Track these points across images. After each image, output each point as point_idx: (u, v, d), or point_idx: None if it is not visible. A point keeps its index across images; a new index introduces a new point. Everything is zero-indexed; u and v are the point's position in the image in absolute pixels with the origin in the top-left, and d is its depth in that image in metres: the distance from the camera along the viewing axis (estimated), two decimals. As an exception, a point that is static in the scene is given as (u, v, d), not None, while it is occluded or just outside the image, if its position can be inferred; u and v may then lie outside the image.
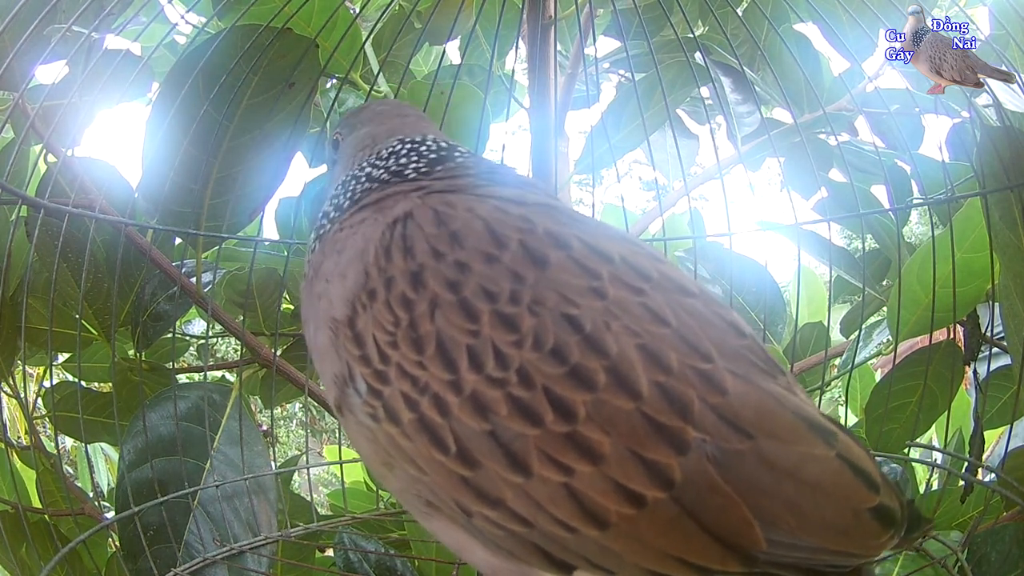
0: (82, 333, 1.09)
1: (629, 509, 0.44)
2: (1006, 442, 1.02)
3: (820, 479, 0.45)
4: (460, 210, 0.53)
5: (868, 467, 0.47)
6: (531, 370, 0.46)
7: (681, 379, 0.46)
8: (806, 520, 0.45)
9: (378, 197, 0.60)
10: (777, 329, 1.24)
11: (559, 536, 0.46)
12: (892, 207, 1.13)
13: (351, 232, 0.58)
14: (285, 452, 4.02)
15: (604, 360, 0.46)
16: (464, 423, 0.47)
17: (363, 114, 0.71)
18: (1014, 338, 0.89)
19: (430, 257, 0.50)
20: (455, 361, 0.47)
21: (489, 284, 0.48)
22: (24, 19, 0.81)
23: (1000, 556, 0.85)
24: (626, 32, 1.30)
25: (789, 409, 0.47)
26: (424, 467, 0.49)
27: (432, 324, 0.48)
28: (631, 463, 0.44)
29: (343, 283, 0.54)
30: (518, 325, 0.47)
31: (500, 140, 1.06)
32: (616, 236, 0.55)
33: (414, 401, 0.48)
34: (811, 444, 0.46)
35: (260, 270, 1.12)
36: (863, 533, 0.46)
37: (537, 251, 0.50)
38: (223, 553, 0.91)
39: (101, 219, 0.93)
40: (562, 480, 0.45)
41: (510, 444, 0.46)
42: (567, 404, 0.45)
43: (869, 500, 0.46)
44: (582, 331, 0.46)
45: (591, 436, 0.45)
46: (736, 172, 1.34)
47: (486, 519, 0.47)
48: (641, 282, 0.49)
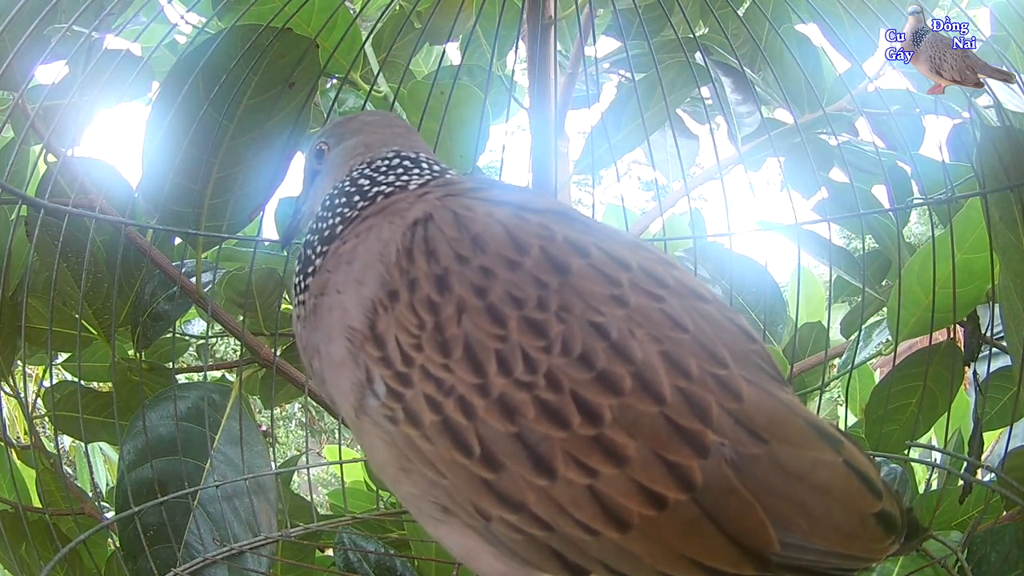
0: (82, 333, 1.09)
1: (651, 511, 0.46)
2: (1006, 442, 1.02)
3: (830, 484, 0.47)
4: (480, 214, 0.53)
5: (872, 474, 0.49)
6: (559, 375, 0.47)
7: (701, 384, 0.47)
8: (817, 523, 0.46)
9: (384, 205, 0.59)
10: (777, 329, 1.24)
11: (579, 539, 0.47)
12: (892, 207, 1.13)
13: (359, 241, 0.57)
14: (285, 452, 4.02)
15: (630, 366, 0.47)
16: (490, 425, 0.47)
17: (352, 124, 0.70)
18: (1014, 338, 0.89)
19: (454, 261, 0.51)
20: (483, 364, 0.48)
21: (515, 290, 0.49)
22: (24, 19, 0.81)
23: (1000, 556, 0.86)
24: (626, 32, 1.30)
25: (800, 416, 0.49)
26: (444, 471, 0.49)
27: (459, 328, 0.49)
28: (655, 465, 0.46)
29: (359, 289, 0.54)
30: (546, 331, 0.48)
31: (500, 140, 1.06)
32: (629, 243, 0.56)
33: (438, 403, 0.49)
34: (821, 450, 0.48)
35: (260, 270, 1.12)
36: (869, 537, 0.47)
37: (558, 258, 0.51)
38: (223, 553, 0.91)
39: (101, 219, 0.93)
40: (587, 482, 0.46)
41: (536, 446, 0.47)
42: (594, 408, 0.46)
43: (873, 506, 0.48)
44: (609, 338, 0.48)
45: (616, 439, 0.46)
46: (736, 172, 1.34)
47: (505, 523, 0.48)
48: (659, 289, 0.51)
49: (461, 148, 1.13)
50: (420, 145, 0.68)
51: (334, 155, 0.68)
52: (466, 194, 0.58)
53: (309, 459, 1.23)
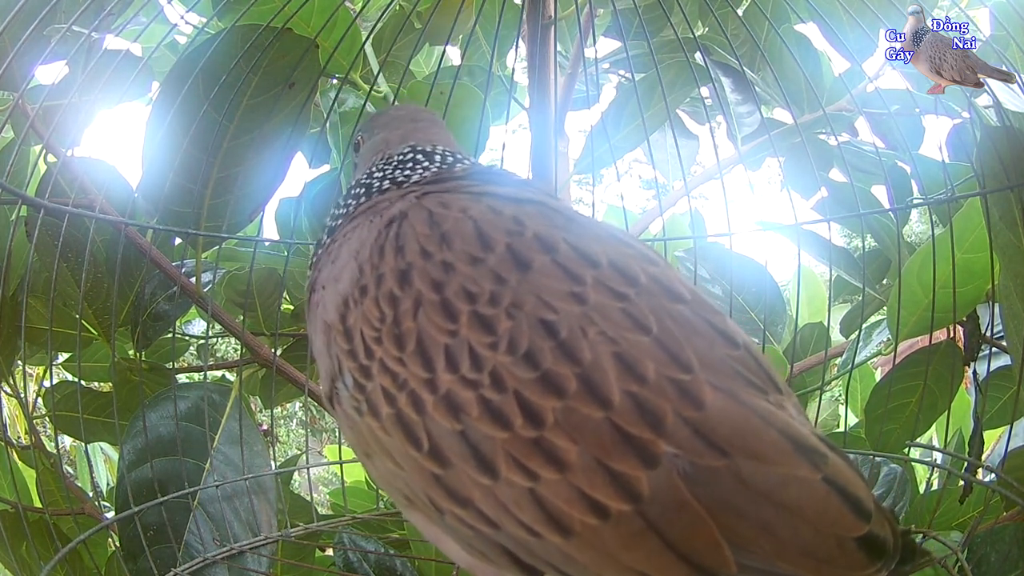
0: (82, 333, 1.09)
1: (593, 519, 0.43)
2: (1006, 442, 1.02)
3: (801, 503, 0.43)
4: (454, 210, 0.53)
5: (859, 493, 0.44)
6: (504, 373, 0.46)
7: (656, 390, 0.44)
8: (782, 546, 0.42)
9: (372, 203, 0.61)
10: (777, 329, 1.24)
11: (524, 540, 0.45)
12: (892, 207, 1.13)
13: (345, 240, 0.59)
14: (285, 451, 4.03)
15: (576, 367, 0.45)
16: (438, 422, 0.47)
17: (381, 118, 0.72)
18: (1014, 338, 0.89)
19: (419, 256, 0.51)
20: (432, 360, 0.47)
21: (471, 285, 0.48)
22: (24, 19, 0.81)
23: (1000, 556, 0.85)
24: (626, 32, 1.30)
25: (775, 427, 0.44)
26: (400, 462, 0.49)
27: (414, 322, 0.49)
28: (597, 473, 0.43)
29: (336, 286, 0.55)
30: (495, 327, 0.47)
31: (500, 140, 1.06)
32: (608, 237, 0.53)
33: (392, 396, 0.48)
34: (794, 466, 0.43)
35: (260, 270, 1.12)
36: (846, 563, 0.43)
37: (521, 254, 0.49)
38: (223, 553, 0.91)
39: (101, 219, 0.93)
40: (528, 485, 0.44)
41: (479, 445, 0.45)
42: (536, 409, 0.44)
43: (856, 528, 0.43)
44: (556, 337, 0.46)
45: (558, 443, 0.44)
46: (736, 172, 1.34)
47: (456, 518, 0.47)
48: (626, 287, 0.48)
49: (461, 148, 1.13)
50: (440, 136, 0.69)
51: (365, 150, 0.71)
52: (455, 189, 0.58)
53: (309, 458, 1.23)
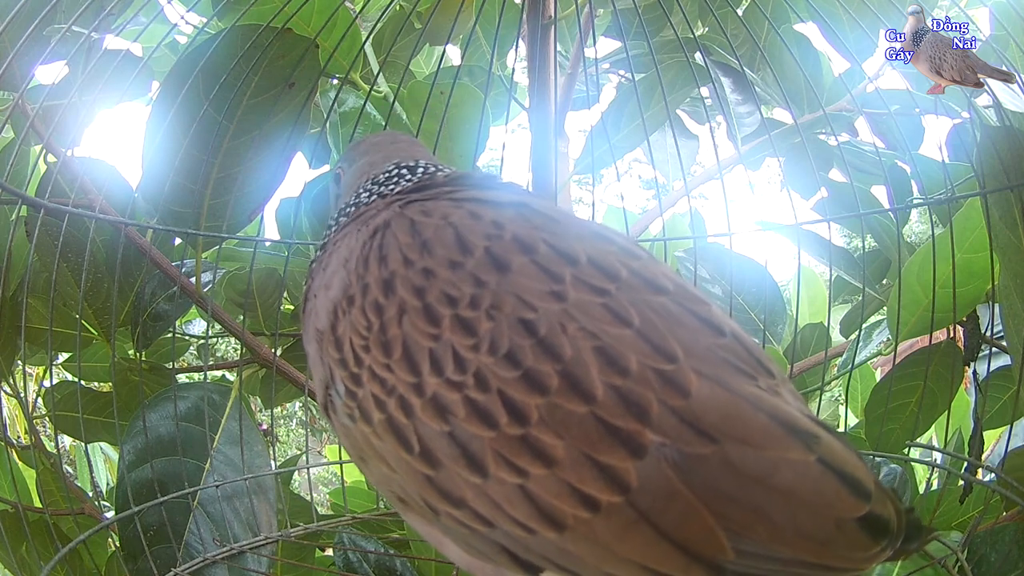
0: (82, 333, 1.09)
1: (584, 512, 0.44)
2: (1006, 442, 1.02)
3: (795, 486, 0.43)
4: (435, 218, 0.54)
5: (857, 473, 0.44)
6: (487, 374, 0.46)
7: (639, 381, 0.45)
8: (779, 530, 0.42)
9: (359, 214, 0.63)
10: (777, 329, 1.24)
11: (520, 537, 0.46)
12: (892, 207, 1.13)
13: (335, 249, 0.60)
14: (285, 451, 4.03)
15: (557, 364, 0.45)
16: (426, 424, 0.48)
17: (360, 147, 0.74)
18: (1014, 338, 0.89)
19: (401, 264, 0.52)
20: (418, 364, 0.48)
21: (451, 289, 0.49)
22: (24, 19, 0.81)
23: (1000, 556, 0.85)
24: (626, 32, 1.30)
25: (764, 412, 0.44)
26: (394, 466, 0.50)
27: (399, 328, 0.50)
28: (585, 466, 0.44)
29: (327, 293, 0.57)
30: (476, 329, 0.48)
31: (500, 140, 1.06)
32: (589, 235, 0.54)
33: (383, 402, 0.50)
34: (786, 448, 0.43)
35: (260, 270, 1.12)
36: (847, 544, 0.43)
37: (500, 257, 0.50)
38: (223, 553, 0.91)
39: (101, 219, 0.93)
40: (517, 482, 0.45)
41: (468, 445, 0.46)
42: (520, 407, 0.45)
43: (856, 509, 0.43)
44: (536, 335, 0.46)
45: (544, 439, 0.45)
46: (736, 172, 1.34)
47: (452, 518, 0.48)
48: (606, 282, 0.49)
49: (461, 148, 1.13)
50: (421, 153, 0.71)
51: (347, 178, 0.72)
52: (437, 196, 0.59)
53: (309, 458, 1.23)
